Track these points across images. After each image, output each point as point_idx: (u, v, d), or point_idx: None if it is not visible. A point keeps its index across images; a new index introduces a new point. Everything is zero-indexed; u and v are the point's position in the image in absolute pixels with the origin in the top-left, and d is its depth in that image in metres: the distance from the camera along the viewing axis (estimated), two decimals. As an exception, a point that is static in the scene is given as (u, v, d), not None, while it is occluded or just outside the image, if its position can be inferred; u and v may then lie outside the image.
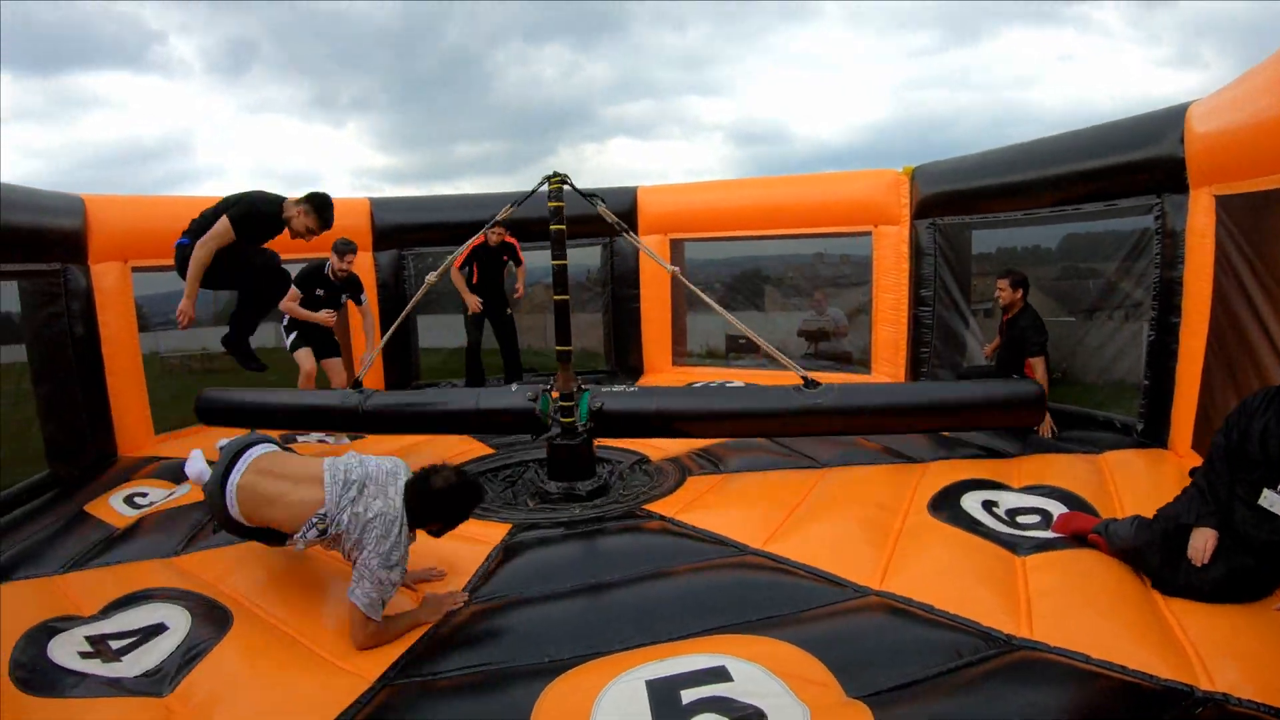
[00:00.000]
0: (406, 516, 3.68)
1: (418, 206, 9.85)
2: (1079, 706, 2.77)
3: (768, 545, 4.31)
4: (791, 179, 9.45)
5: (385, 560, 3.55)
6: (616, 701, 2.87)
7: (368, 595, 3.53)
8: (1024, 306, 6.42)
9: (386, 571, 3.55)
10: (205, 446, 6.75)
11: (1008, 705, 2.75)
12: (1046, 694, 2.82)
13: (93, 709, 3.17)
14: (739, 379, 8.81)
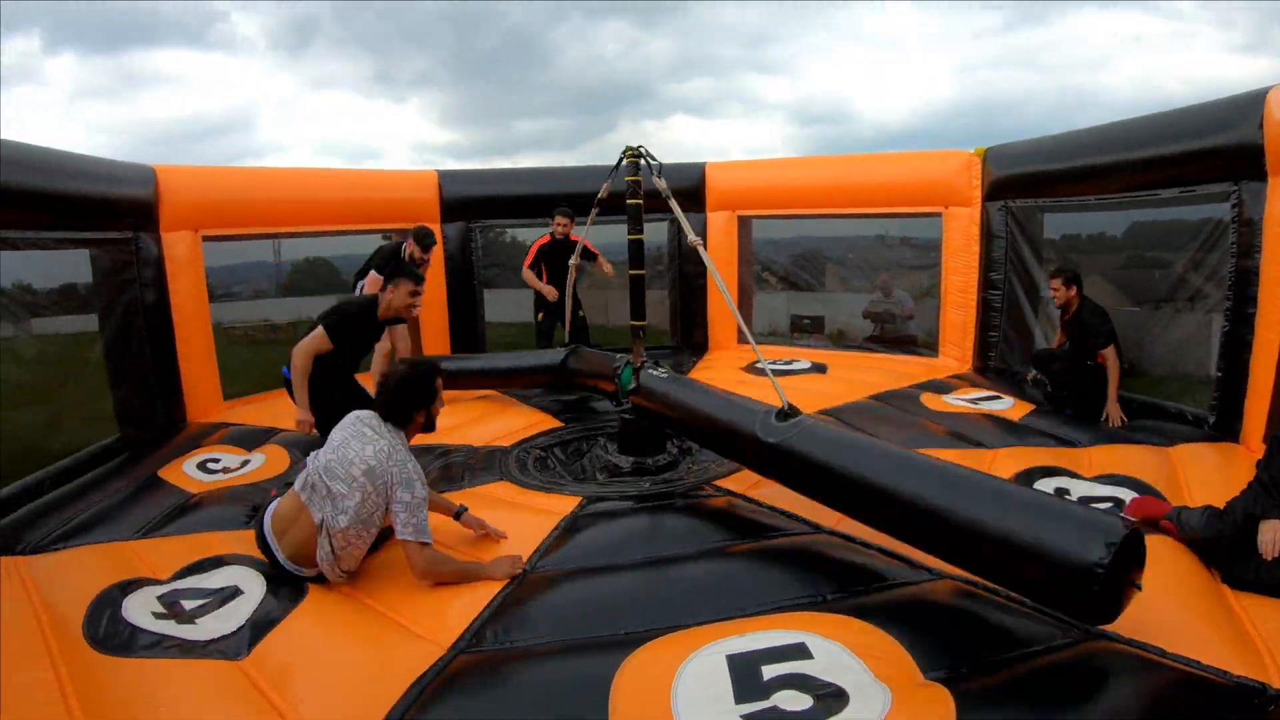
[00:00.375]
0: (396, 429, 3.99)
1: (486, 179, 9.91)
2: (1152, 699, 2.75)
3: (839, 524, 4.30)
4: (862, 158, 9.39)
5: (405, 485, 3.78)
6: (697, 675, 2.89)
7: (408, 524, 3.75)
8: (1081, 301, 6.33)
9: (408, 492, 3.79)
10: (272, 414, 6.97)
11: (1084, 695, 2.74)
12: (1121, 685, 2.80)
13: (168, 669, 3.23)
14: (804, 358, 8.81)
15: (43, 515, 5.00)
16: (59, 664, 3.27)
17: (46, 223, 5.71)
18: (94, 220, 6.28)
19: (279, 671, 3.20)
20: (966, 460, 5.09)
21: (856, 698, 2.69)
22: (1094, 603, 2.89)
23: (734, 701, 2.73)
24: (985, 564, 3.31)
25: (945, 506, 3.36)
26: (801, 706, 2.66)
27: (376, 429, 3.95)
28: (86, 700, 3.02)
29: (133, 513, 5.08)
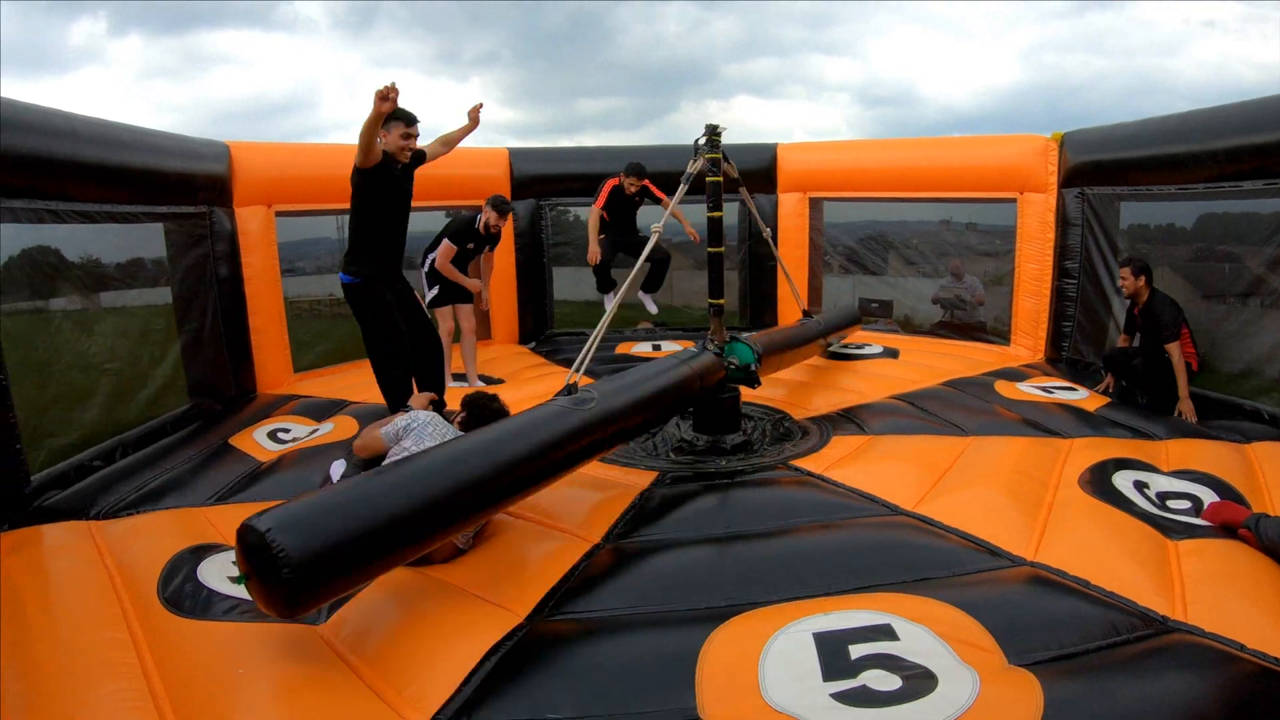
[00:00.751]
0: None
1: (557, 157, 9.92)
2: (1233, 693, 2.74)
3: (918, 507, 4.31)
4: (936, 141, 9.29)
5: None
6: (784, 652, 2.91)
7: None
8: (1152, 293, 6.21)
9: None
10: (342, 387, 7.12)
11: (1166, 685, 2.73)
12: (1203, 678, 2.79)
13: (246, 632, 3.26)
14: (874, 342, 8.76)
15: (116, 481, 5.10)
16: (134, 625, 3.34)
17: (124, 197, 5.82)
18: (170, 195, 6.40)
19: (356, 637, 3.25)
20: (1044, 447, 5.15)
21: (945, 680, 2.69)
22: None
23: (822, 679, 2.75)
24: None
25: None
26: (890, 686, 2.67)
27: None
28: (161, 660, 3.08)
29: (204, 479, 5.19)
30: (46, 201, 5.02)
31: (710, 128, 5.59)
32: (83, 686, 2.88)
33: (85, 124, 5.33)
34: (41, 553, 4.13)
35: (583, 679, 2.91)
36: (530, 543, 4.10)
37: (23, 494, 4.65)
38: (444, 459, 3.53)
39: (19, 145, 4.69)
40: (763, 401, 6.52)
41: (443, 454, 3.57)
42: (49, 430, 5.12)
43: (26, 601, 3.54)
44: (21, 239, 5.13)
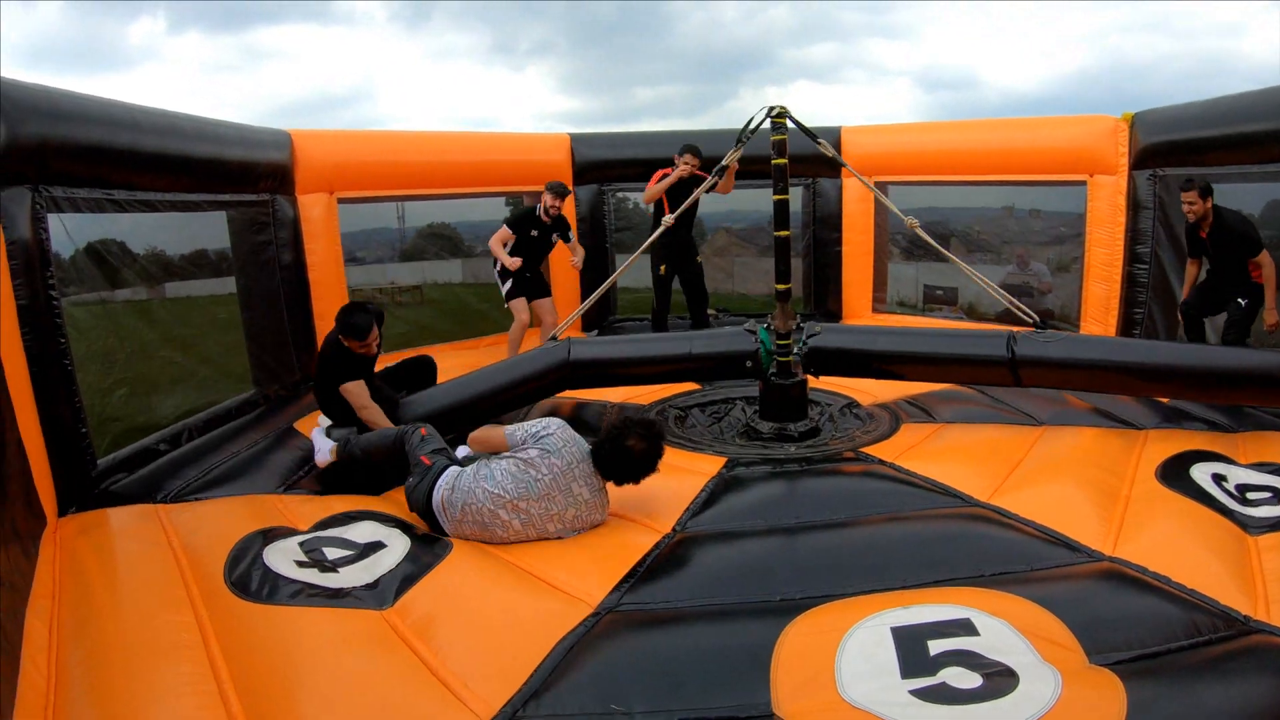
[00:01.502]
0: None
1: (618, 142, 9.88)
2: None
3: (993, 499, 4.26)
4: (1001, 123, 9.09)
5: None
6: (862, 646, 2.88)
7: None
8: (1218, 212, 6.07)
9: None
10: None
11: (1251, 689, 2.67)
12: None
13: (312, 616, 3.28)
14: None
15: (183, 466, 5.17)
16: (199, 608, 3.36)
17: (187, 186, 5.89)
18: (232, 183, 6.47)
19: (424, 622, 3.25)
20: (1120, 438, 5.06)
21: (1026, 678, 2.64)
22: None
23: (901, 676, 2.71)
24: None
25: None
26: (971, 684, 2.62)
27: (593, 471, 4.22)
28: (227, 644, 3.08)
29: (270, 464, 5.26)
30: (109, 190, 5.09)
31: (772, 109, 5.54)
32: (147, 668, 2.90)
33: (146, 114, 5.40)
34: (108, 535, 4.18)
35: (654, 672, 2.90)
36: (602, 530, 4.13)
37: (89, 477, 4.71)
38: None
39: (82, 136, 4.77)
40: (829, 388, 6.48)
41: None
42: (114, 415, 5.20)
43: (92, 583, 3.59)
44: (88, 232, 5.20)
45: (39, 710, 2.69)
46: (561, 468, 4.07)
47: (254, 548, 3.82)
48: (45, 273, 4.45)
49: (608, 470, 4.21)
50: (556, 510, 4.04)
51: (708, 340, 5.99)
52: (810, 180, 9.48)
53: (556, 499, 4.03)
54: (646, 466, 4.22)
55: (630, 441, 4.17)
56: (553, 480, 4.04)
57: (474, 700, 2.77)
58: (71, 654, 3.03)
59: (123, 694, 2.76)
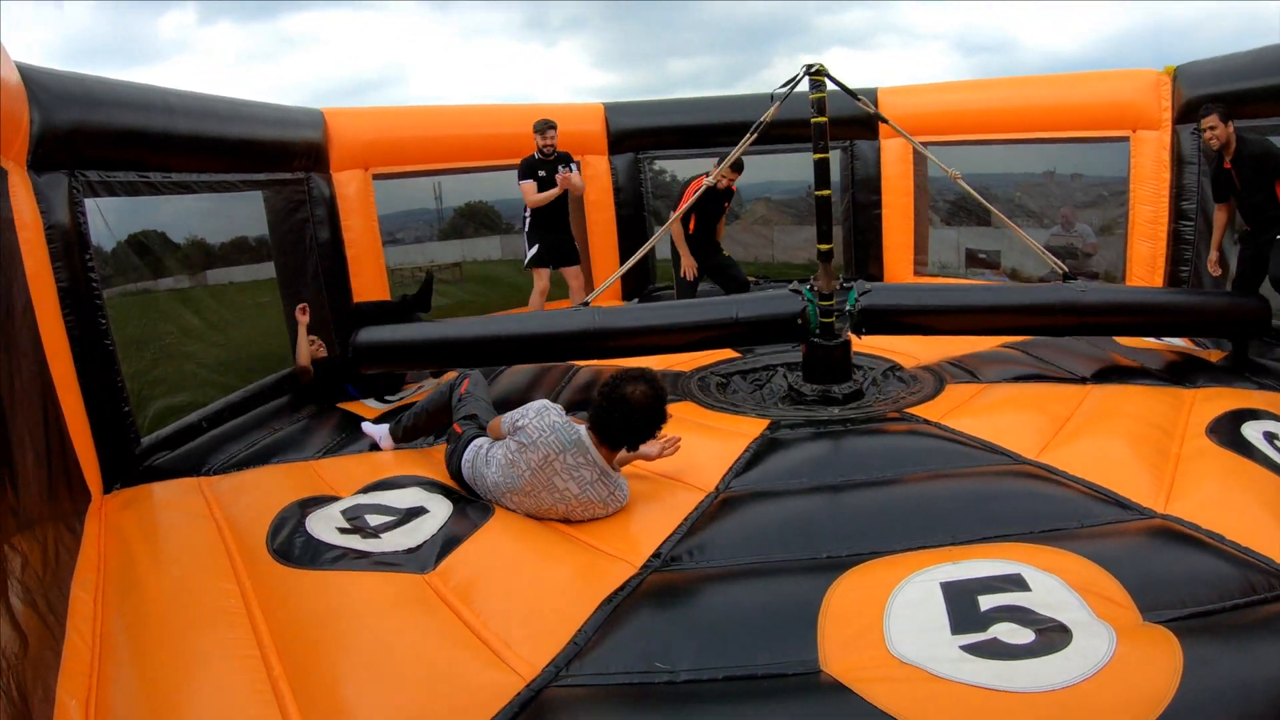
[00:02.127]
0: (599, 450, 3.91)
1: (653, 110, 9.81)
2: None
3: (1042, 456, 4.20)
4: (1040, 79, 8.91)
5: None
6: (911, 601, 2.84)
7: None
8: (1239, 137, 5.85)
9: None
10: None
11: None
12: None
13: (354, 581, 3.28)
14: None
15: (225, 441, 5.26)
16: (242, 575, 3.41)
17: (221, 166, 5.97)
18: (267, 162, 6.55)
19: (466, 585, 3.25)
20: (1168, 396, 4.98)
21: (1080, 634, 2.59)
22: None
23: (951, 632, 2.66)
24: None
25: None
26: (1023, 640, 2.58)
27: (592, 467, 3.83)
28: (269, 609, 3.13)
29: (313, 438, 5.32)
30: (145, 173, 5.16)
31: (809, 67, 5.45)
32: (189, 634, 2.96)
33: (179, 97, 5.46)
34: (151, 508, 4.27)
35: (700, 629, 2.89)
36: (644, 492, 4.08)
37: (133, 455, 4.80)
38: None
39: (115, 121, 4.84)
40: (872, 351, 6.44)
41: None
42: (156, 395, 5.29)
43: (136, 552, 3.65)
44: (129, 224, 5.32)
45: (84, 676, 2.75)
46: (538, 462, 3.79)
47: (296, 515, 3.87)
48: (84, 256, 4.54)
49: (612, 435, 3.84)
50: (547, 505, 3.83)
51: (754, 304, 5.87)
52: (848, 143, 9.35)
53: (542, 495, 3.81)
54: (653, 415, 3.85)
55: (628, 389, 3.81)
56: (532, 476, 3.80)
57: (517, 660, 2.77)
58: (115, 622, 3.09)
59: (166, 659, 2.82)
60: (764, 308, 5.75)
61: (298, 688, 2.66)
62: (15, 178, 4.04)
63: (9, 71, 3.96)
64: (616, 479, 3.90)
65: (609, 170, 9.49)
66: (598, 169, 9.41)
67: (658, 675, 2.66)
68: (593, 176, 9.34)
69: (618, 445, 3.88)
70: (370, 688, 2.63)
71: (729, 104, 9.40)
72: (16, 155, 4.14)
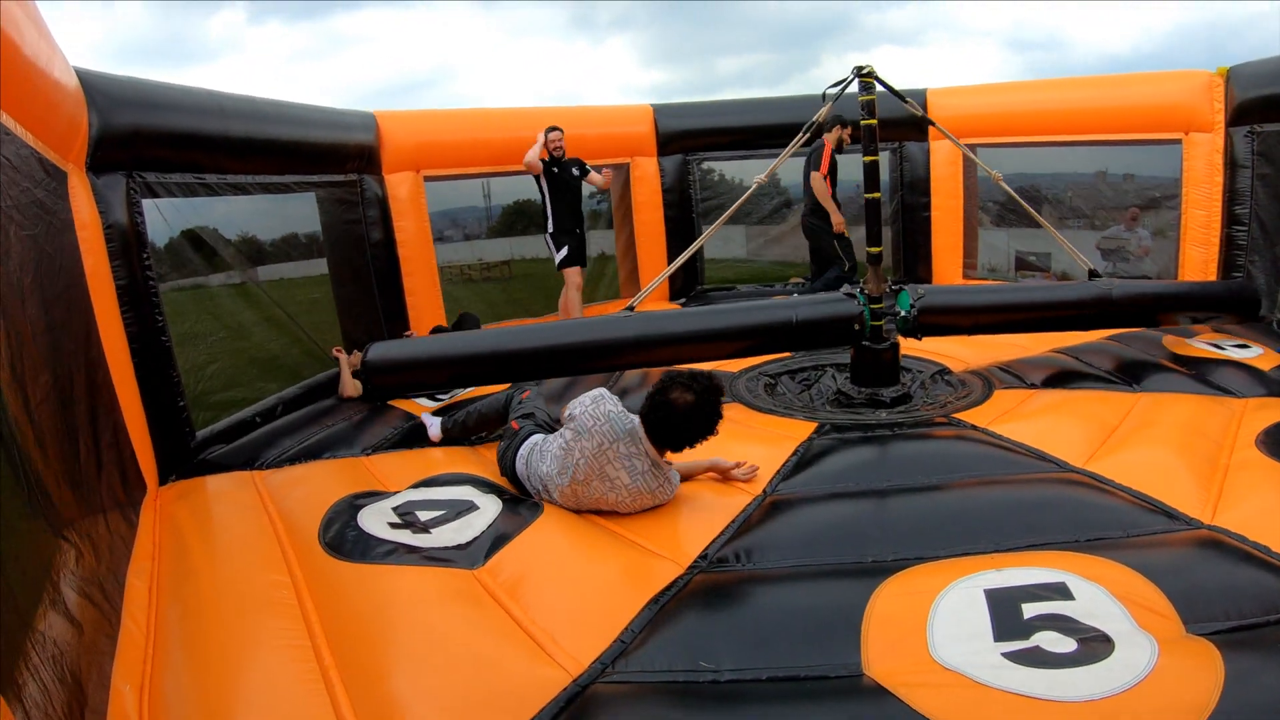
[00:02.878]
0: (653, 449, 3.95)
1: (702, 111, 9.85)
2: None
3: (1089, 464, 4.20)
4: (1092, 80, 8.86)
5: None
6: (955, 608, 2.86)
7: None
8: None
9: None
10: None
11: None
12: None
13: (404, 575, 3.32)
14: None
15: (279, 436, 5.36)
16: (294, 567, 3.47)
17: (275, 168, 6.10)
18: (320, 164, 6.67)
19: (514, 581, 3.29)
20: (1218, 405, 4.96)
21: (1122, 645, 2.60)
22: None
23: (993, 639, 2.68)
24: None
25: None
26: (1065, 649, 2.59)
27: (638, 451, 3.90)
28: (321, 602, 3.18)
29: (366, 434, 5.39)
30: (201, 175, 5.31)
31: (859, 69, 5.49)
32: (242, 623, 3.03)
33: (233, 101, 5.60)
34: (205, 499, 4.36)
35: (744, 631, 2.92)
36: (692, 493, 4.14)
37: (188, 448, 4.94)
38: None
39: (171, 123, 4.99)
40: (921, 355, 6.45)
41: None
42: (211, 390, 5.42)
43: (190, 543, 3.75)
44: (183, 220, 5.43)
45: (138, 663, 2.83)
46: (592, 450, 3.86)
47: (347, 510, 3.93)
48: (142, 254, 4.69)
49: (658, 436, 3.87)
50: (598, 494, 3.89)
51: (811, 306, 5.84)
52: (897, 145, 9.38)
53: (594, 484, 3.87)
54: (698, 422, 3.84)
55: (673, 394, 3.82)
56: (587, 465, 3.87)
57: (563, 656, 2.82)
58: (169, 610, 3.17)
59: (217, 647, 2.89)
60: (821, 310, 5.73)
61: (347, 678, 2.72)
62: (75, 179, 4.18)
63: (68, 76, 4.08)
64: (668, 472, 3.96)
65: (658, 171, 9.55)
66: (646, 170, 9.48)
67: (702, 674, 2.71)
68: (642, 178, 9.44)
69: (663, 446, 3.93)
70: (419, 679, 2.68)
71: (779, 105, 9.44)
72: (76, 158, 4.29)
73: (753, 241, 10.98)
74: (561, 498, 3.99)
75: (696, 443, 3.93)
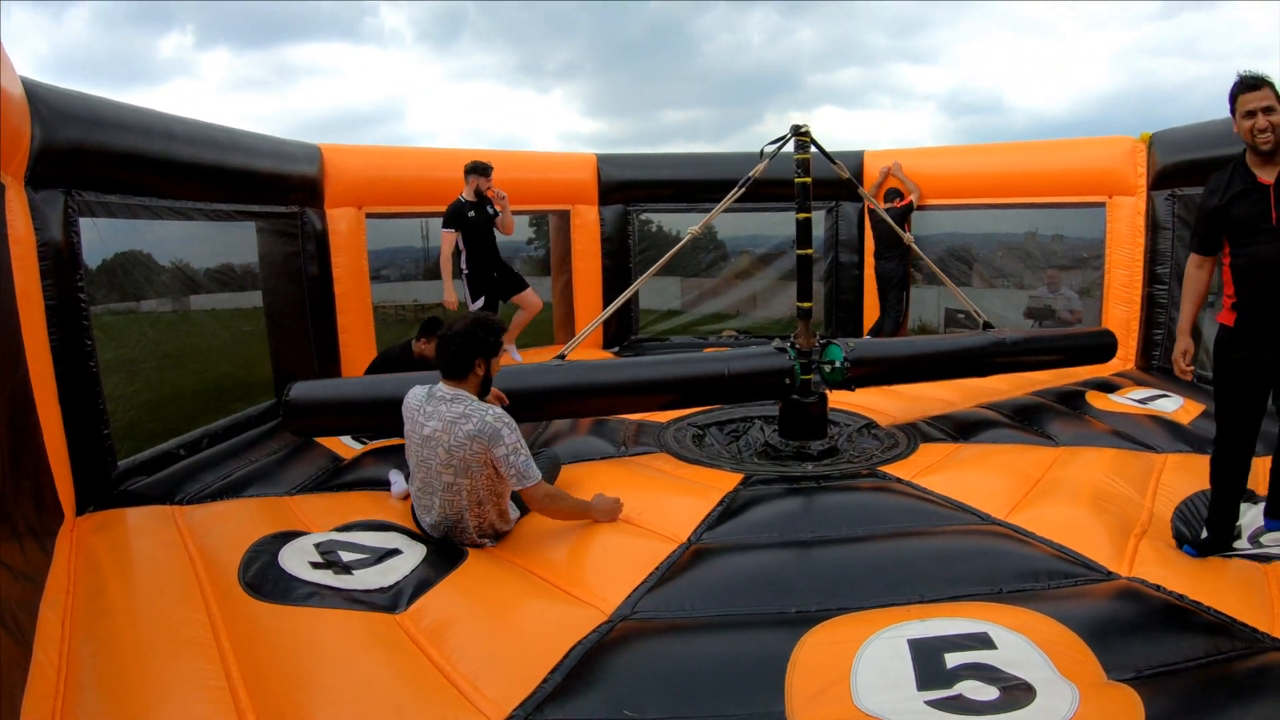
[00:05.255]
0: (470, 390, 4.06)
1: (645, 163, 9.91)
2: None
3: (1010, 517, 4.26)
4: (1020, 145, 9.15)
5: (494, 440, 3.90)
6: (878, 657, 2.87)
7: (513, 473, 3.94)
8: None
9: (501, 446, 3.89)
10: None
11: (1271, 708, 2.63)
12: None
13: (325, 618, 3.28)
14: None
15: (201, 470, 5.22)
16: (213, 607, 3.40)
17: (217, 196, 5.98)
18: (262, 194, 6.59)
19: (438, 627, 3.25)
20: (1133, 462, 5.05)
21: (1044, 693, 2.63)
22: None
23: (917, 688, 2.70)
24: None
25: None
26: (988, 697, 2.62)
27: (446, 397, 4.02)
28: (239, 642, 3.12)
29: (289, 471, 5.28)
30: (142, 197, 5.20)
31: (796, 128, 5.59)
32: (159, 663, 2.94)
33: (180, 123, 5.51)
34: (124, 533, 4.22)
35: (668, 680, 2.90)
36: (616, 540, 4.11)
37: (108, 478, 4.79)
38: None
39: (115, 142, 4.88)
40: (848, 408, 6.51)
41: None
42: (136, 419, 5.28)
43: (106, 579, 3.63)
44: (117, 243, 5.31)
45: (49, 699, 2.73)
46: (409, 431, 4.17)
47: (269, 549, 3.86)
48: (75, 275, 4.55)
49: (446, 366, 4.09)
50: (436, 462, 4.00)
51: (744, 360, 5.87)
52: (833, 204, 9.54)
53: (425, 453, 4.05)
54: (472, 339, 4.06)
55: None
56: (418, 448, 4.11)
57: (485, 704, 2.78)
58: (83, 647, 3.07)
59: (133, 688, 2.80)
60: (754, 363, 5.78)
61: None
62: (12, 193, 4.05)
63: (14, 86, 3.99)
64: (471, 398, 4.06)
65: (598, 220, 9.58)
66: (587, 218, 9.52)
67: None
68: (581, 226, 9.47)
69: (452, 374, 4.07)
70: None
71: (719, 161, 9.58)
72: (15, 170, 4.16)
73: (687, 294, 11.02)
74: (422, 495, 4.13)
75: (476, 358, 4.06)
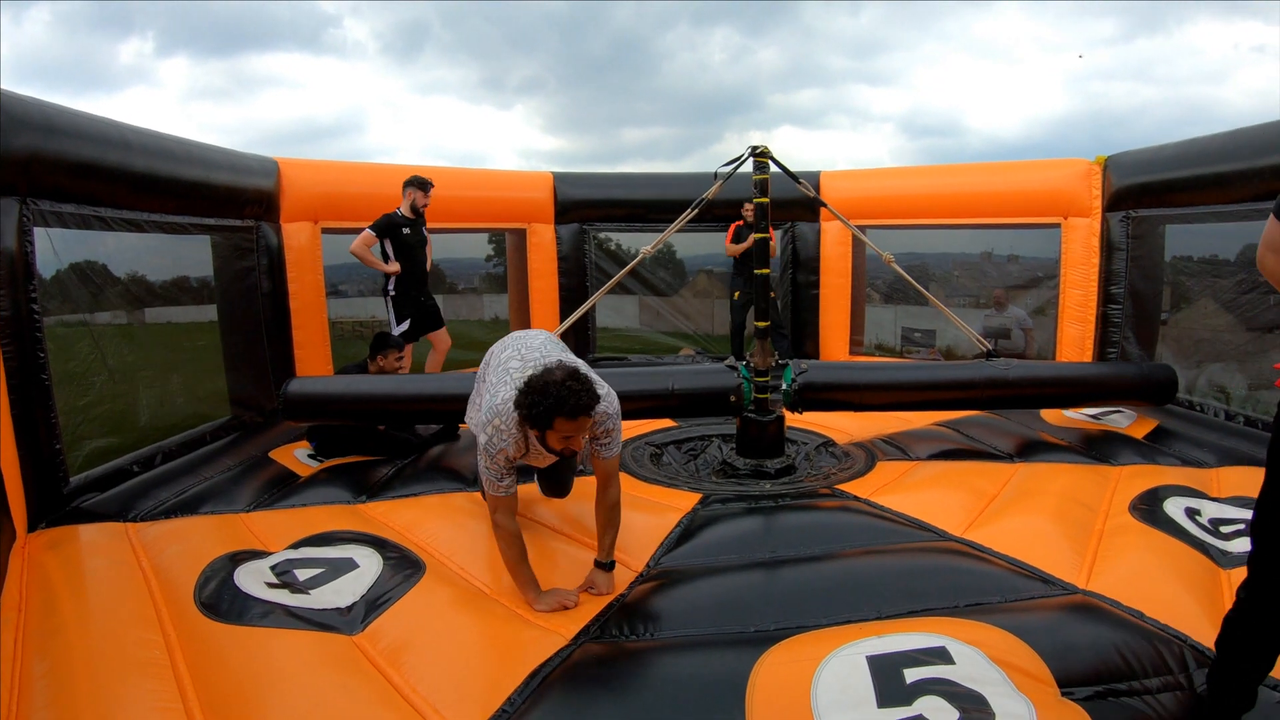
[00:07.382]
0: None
1: (601, 182, 9.92)
2: None
3: (967, 533, 4.29)
4: (978, 167, 9.23)
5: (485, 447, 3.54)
6: (838, 674, 2.85)
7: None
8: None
9: (487, 459, 3.52)
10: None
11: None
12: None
13: (281, 638, 3.26)
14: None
15: (155, 486, 5.14)
16: (168, 626, 3.35)
17: (173, 208, 5.90)
18: (218, 207, 6.51)
19: (396, 648, 3.23)
20: (1094, 473, 5.10)
21: (1000, 711, 2.63)
22: None
23: (877, 705, 2.68)
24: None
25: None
26: (947, 717, 2.60)
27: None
28: (194, 663, 3.08)
29: (244, 488, 5.23)
30: (97, 208, 5.12)
31: (754, 149, 5.61)
32: (112, 684, 2.90)
33: (137, 134, 5.45)
34: (77, 551, 4.15)
35: (629, 702, 2.88)
36: (578, 564, 4.07)
37: (61, 494, 4.70)
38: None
39: (73, 151, 4.82)
40: (806, 426, 6.51)
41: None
42: (89, 434, 5.19)
43: (59, 598, 3.57)
44: (73, 253, 5.23)
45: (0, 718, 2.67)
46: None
47: (225, 569, 3.82)
48: (29, 286, 4.47)
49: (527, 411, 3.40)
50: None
51: (690, 376, 5.91)
52: (790, 224, 9.58)
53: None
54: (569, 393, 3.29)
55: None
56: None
57: (445, 729, 2.73)
58: (35, 666, 3.02)
59: (86, 708, 2.75)
60: (699, 381, 5.81)
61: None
62: (-36, 201, 3.96)
63: None
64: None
65: (554, 239, 9.57)
66: (543, 237, 9.51)
67: None
68: (538, 245, 9.46)
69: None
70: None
71: (675, 181, 9.59)
72: None
73: (645, 312, 11.02)
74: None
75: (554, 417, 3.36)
